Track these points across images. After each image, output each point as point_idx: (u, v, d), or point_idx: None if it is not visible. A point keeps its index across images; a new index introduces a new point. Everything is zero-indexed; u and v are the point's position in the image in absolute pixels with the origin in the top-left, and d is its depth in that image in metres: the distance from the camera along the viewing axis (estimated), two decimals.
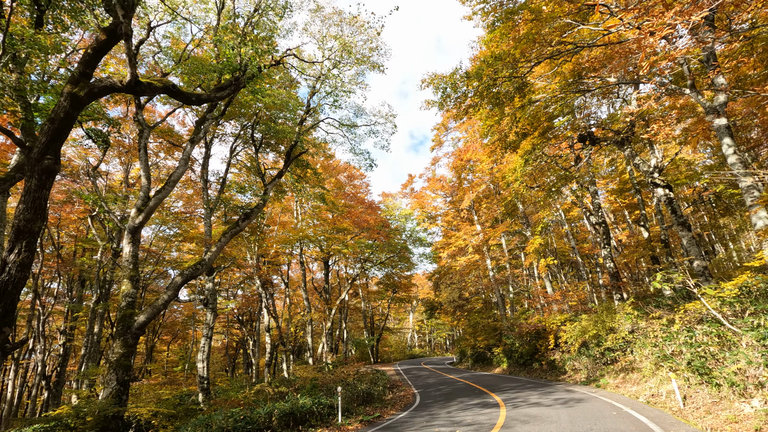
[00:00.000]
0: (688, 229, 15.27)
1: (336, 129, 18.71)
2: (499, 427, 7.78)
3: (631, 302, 14.57)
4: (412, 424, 9.17)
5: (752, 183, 10.63)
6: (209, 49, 15.82)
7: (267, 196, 15.00)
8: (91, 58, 7.57)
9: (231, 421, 7.49)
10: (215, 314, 15.94)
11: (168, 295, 12.03)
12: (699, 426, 7.06)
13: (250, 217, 14.24)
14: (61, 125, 7.15)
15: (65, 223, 24.20)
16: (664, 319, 11.44)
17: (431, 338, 68.52)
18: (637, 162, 17.24)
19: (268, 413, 8.05)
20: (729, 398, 7.86)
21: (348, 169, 32.40)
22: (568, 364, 17.59)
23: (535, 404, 10.42)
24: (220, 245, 13.36)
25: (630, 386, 12.03)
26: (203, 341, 15.36)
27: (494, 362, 28.00)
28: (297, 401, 9.40)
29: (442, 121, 28.75)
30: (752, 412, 6.92)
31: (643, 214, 21.66)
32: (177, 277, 12.40)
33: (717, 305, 9.53)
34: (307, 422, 9.01)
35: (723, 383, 8.23)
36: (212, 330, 15.63)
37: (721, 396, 8.13)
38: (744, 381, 7.64)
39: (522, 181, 17.87)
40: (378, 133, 19.91)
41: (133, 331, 11.30)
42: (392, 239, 32.77)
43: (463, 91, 11.68)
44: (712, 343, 9.09)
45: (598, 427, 7.11)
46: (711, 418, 7.30)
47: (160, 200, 12.76)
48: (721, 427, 6.76)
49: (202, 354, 15.16)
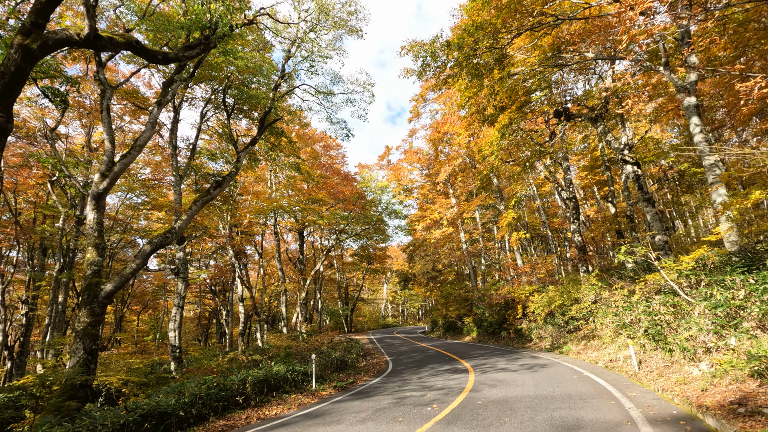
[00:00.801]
0: (652, 205, 15.90)
1: (312, 96, 18.18)
2: (468, 391, 8.10)
3: (596, 274, 15.24)
4: (384, 389, 9.44)
5: (715, 161, 11.07)
6: (177, 5, 14.85)
7: (240, 164, 14.57)
8: (43, 6, 6.95)
9: (204, 387, 7.49)
10: (186, 283, 15.68)
11: (136, 263, 11.70)
12: (651, 387, 7.56)
13: (222, 186, 13.83)
14: (11, 80, 6.61)
15: (23, 189, 22.89)
16: (626, 290, 12.03)
17: (404, 309, 70.14)
18: (609, 139, 17.62)
19: (241, 380, 8.10)
20: (680, 362, 8.43)
21: (324, 139, 31.78)
22: (534, 333, 18.40)
23: (503, 369, 10.90)
24: (190, 213, 12.98)
25: (591, 352, 12.72)
26: (175, 310, 15.15)
27: (464, 331, 29.02)
28: (271, 369, 9.48)
29: (421, 93, 28.37)
30: (699, 374, 7.45)
31: (611, 190, 22.34)
32: (146, 245, 12.04)
33: (674, 277, 10.06)
34: (281, 389, 9.14)
35: (675, 349, 8.80)
36: (184, 299, 15.40)
37: (673, 360, 8.70)
38: (694, 347, 8.19)
39: (498, 155, 18.02)
40: (355, 102, 19.49)
41: (100, 300, 10.99)
42: (368, 211, 32.76)
43: (442, 61, 11.48)
44: (667, 312, 9.64)
45: (560, 390, 7.51)
46: (663, 380, 7.83)
47: (125, 165, 12.19)
48: (671, 388, 7.26)
49: (173, 323, 14.98)
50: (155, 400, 6.71)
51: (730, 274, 8.48)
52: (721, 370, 6.92)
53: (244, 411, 7.60)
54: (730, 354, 7.27)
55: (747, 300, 7.74)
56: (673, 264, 10.16)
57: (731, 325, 7.65)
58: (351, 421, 6.27)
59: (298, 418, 6.88)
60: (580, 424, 5.11)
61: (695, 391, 6.61)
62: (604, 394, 6.90)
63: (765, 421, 4.65)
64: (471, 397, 7.44)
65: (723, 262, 9.63)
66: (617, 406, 6.01)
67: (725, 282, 8.45)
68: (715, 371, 7.12)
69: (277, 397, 8.70)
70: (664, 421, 5.13)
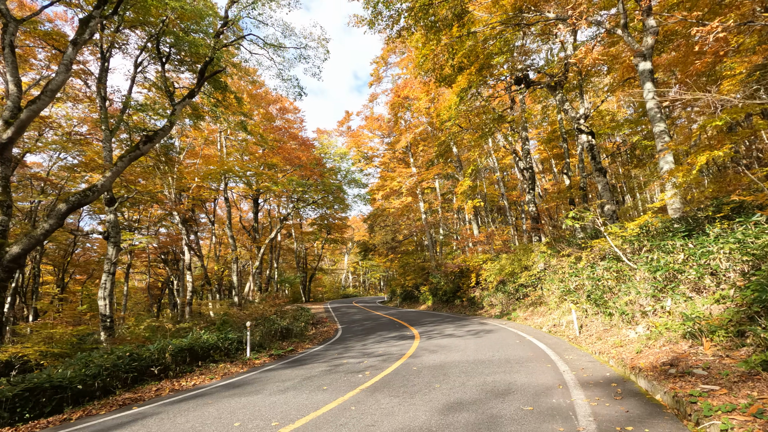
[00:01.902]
0: (603, 175, 16.00)
1: (261, 50, 16.74)
2: (407, 357, 7.77)
3: (546, 242, 15.31)
4: (324, 356, 8.99)
5: (664, 128, 11.03)
6: None
7: (174, 118, 13.22)
8: None
9: (111, 357, 6.69)
10: (118, 248, 14.41)
11: (49, 224, 10.42)
12: (589, 350, 7.49)
13: (154, 140, 12.51)
14: None
15: None
16: (573, 257, 12.07)
17: (365, 279, 70.47)
18: (567, 108, 17.45)
19: (159, 349, 7.33)
20: (618, 326, 8.45)
21: (280, 101, 30.02)
22: (486, 300, 18.59)
23: (449, 335, 10.72)
24: (115, 170, 11.67)
25: (537, 318, 12.84)
26: (105, 277, 13.92)
27: (421, 300, 29.25)
28: (200, 336, 8.76)
29: (382, 55, 27.11)
30: (636, 337, 7.44)
31: (567, 162, 22.55)
32: (60, 204, 10.72)
33: (619, 243, 10.06)
34: (209, 358, 8.45)
35: (615, 313, 8.82)
36: (115, 265, 14.16)
37: (612, 324, 8.73)
38: (633, 310, 8.19)
39: (456, 120, 17.49)
40: (309, 58, 18.28)
41: (5, 264, 9.72)
42: (327, 179, 31.72)
43: (396, 9, 10.56)
44: (610, 278, 9.64)
45: (500, 354, 7.30)
46: (600, 344, 7.79)
47: (34, 112, 10.65)
48: (608, 351, 7.20)
49: (103, 291, 13.78)
50: (47, 372, 5.87)
51: (672, 239, 8.47)
52: (656, 332, 6.88)
53: (160, 382, 6.89)
54: (665, 317, 7.26)
55: (685, 264, 7.73)
56: (619, 230, 10.13)
57: (669, 288, 7.64)
58: (272, 390, 5.74)
59: (218, 388, 6.27)
60: (511, 389, 4.80)
61: (630, 354, 6.53)
62: (542, 358, 6.72)
63: (694, 381, 4.49)
64: (408, 363, 7.09)
65: (666, 228, 9.67)
66: (552, 369, 5.80)
67: (666, 247, 8.43)
68: (650, 333, 7.08)
69: (203, 366, 8.02)
70: (596, 383, 4.91)
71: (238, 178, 24.55)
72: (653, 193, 32.44)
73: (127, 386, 6.51)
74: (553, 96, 18.97)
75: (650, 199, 32.49)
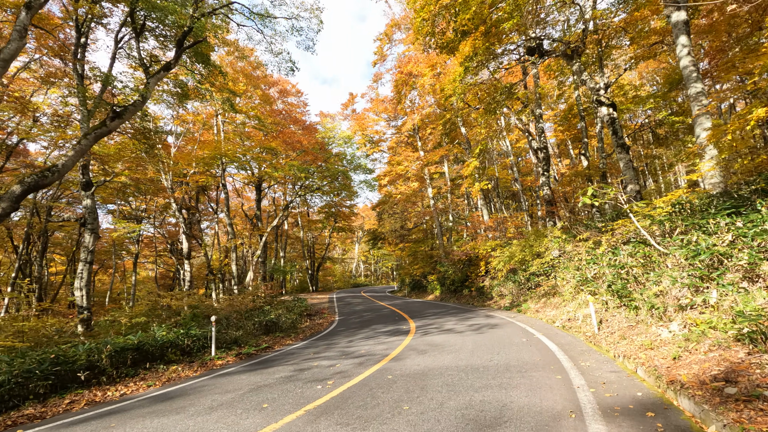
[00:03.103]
0: (626, 152, 14.28)
1: (248, 20, 15.38)
2: (389, 359, 6.51)
3: (561, 226, 13.77)
4: (296, 356, 7.79)
5: (701, 89, 9.35)
6: None
7: (148, 92, 12.06)
8: None
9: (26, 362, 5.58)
10: (96, 236, 13.46)
11: (1, 207, 9.40)
12: (611, 354, 6.10)
13: (123, 116, 11.38)
14: None
15: None
16: (591, 241, 10.55)
17: (377, 268, 69.48)
18: (585, 78, 15.70)
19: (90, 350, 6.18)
20: (646, 322, 7.02)
21: (281, 82, 28.69)
22: (495, 290, 17.19)
23: (447, 331, 9.42)
24: (78, 149, 10.59)
25: (549, 311, 11.42)
26: (81, 267, 13.00)
27: (429, 289, 27.94)
28: (154, 334, 7.64)
29: (386, 31, 25.43)
30: (670, 337, 6.00)
31: (584, 143, 20.79)
32: (15, 185, 9.69)
33: (646, 224, 8.53)
34: (162, 358, 7.32)
35: (642, 306, 7.38)
36: (92, 254, 13.22)
37: (638, 320, 7.29)
38: (665, 303, 6.74)
39: (461, 95, 15.92)
40: (302, 30, 16.86)
41: None
42: (332, 164, 30.39)
43: None
44: (636, 264, 8.17)
45: (500, 358, 5.97)
46: (625, 344, 6.39)
47: None
48: (635, 354, 5.80)
49: (79, 281, 12.88)
50: None
51: (714, 217, 6.94)
52: (697, 332, 5.44)
53: (87, 390, 5.76)
54: (709, 312, 5.81)
55: (733, 246, 6.23)
56: (646, 208, 8.58)
57: (712, 277, 6.15)
58: (200, 408, 4.53)
59: (145, 401, 5.11)
60: (503, 416, 3.47)
61: (665, 360, 5.12)
62: (551, 365, 5.36)
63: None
64: (386, 368, 5.82)
65: (705, 204, 8.10)
66: (563, 383, 4.44)
67: (707, 227, 6.91)
68: (689, 333, 5.64)
69: (152, 369, 6.90)
70: (623, 410, 3.54)
71: (235, 164, 23.44)
72: (678, 175, 30.27)
73: (41, 397, 5.40)
74: (569, 66, 17.17)
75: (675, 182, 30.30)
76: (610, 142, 25.85)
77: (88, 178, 13.67)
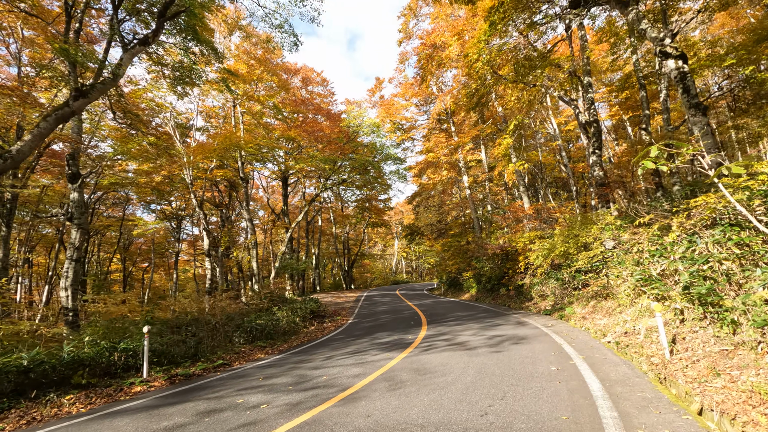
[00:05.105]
0: (702, 114, 11.09)
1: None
2: (341, 398, 4.46)
3: (616, 209, 10.93)
4: (237, 382, 5.91)
5: None
6: None
7: (120, 70, 10.81)
8: None
9: None
10: (84, 231, 12.51)
11: None
12: (694, 407, 3.64)
13: (89, 96, 10.14)
14: None
15: None
16: (656, 227, 7.77)
17: (418, 264, 67.12)
18: (644, 26, 12.58)
19: None
20: (751, 345, 4.45)
21: (303, 70, 27.25)
22: (535, 290, 14.54)
23: (456, 346, 7.19)
24: (37, 133, 9.43)
25: (600, 318, 8.80)
26: (67, 264, 12.07)
27: (465, 288, 25.38)
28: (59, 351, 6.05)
29: (410, 4, 23.09)
30: None
31: (645, 114, 17.40)
32: None
33: (743, 198, 5.79)
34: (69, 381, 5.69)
35: (743, 321, 4.78)
36: (79, 251, 12.26)
37: (736, 341, 4.71)
38: None
39: (487, 57, 13.39)
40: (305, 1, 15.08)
41: None
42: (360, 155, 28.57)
43: None
44: (728, 257, 5.51)
45: (500, 409, 3.73)
46: (720, 384, 3.90)
47: None
48: (742, 408, 3.35)
49: (65, 280, 11.94)
50: None
51: None
52: None
53: None
54: None
55: None
56: (744, 176, 5.85)
57: None
58: None
59: None
60: None
61: None
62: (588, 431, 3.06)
63: None
64: (321, 419, 3.79)
65: None
66: None
67: None
68: None
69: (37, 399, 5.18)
70: None
71: (252, 155, 22.24)
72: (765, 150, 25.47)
73: None
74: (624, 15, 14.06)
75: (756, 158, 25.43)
76: (678, 110, 21.90)
77: (75, 169, 12.71)
